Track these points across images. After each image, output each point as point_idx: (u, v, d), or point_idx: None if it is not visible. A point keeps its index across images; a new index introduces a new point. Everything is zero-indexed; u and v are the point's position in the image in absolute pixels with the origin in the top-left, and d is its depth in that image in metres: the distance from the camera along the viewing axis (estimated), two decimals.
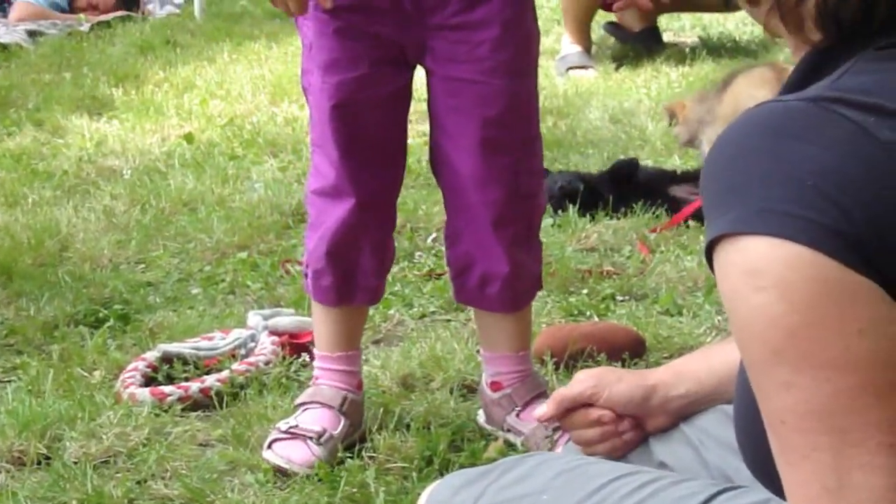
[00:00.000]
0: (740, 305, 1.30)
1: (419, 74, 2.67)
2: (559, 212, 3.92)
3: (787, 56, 5.36)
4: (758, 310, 1.28)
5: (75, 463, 2.58)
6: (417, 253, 3.70)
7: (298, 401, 2.70)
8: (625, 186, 4.00)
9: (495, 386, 2.70)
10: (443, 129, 2.64)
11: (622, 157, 4.30)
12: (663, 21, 6.58)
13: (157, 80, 5.73)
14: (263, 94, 5.48)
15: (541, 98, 5.11)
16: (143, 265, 3.67)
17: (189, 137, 4.81)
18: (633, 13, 6.27)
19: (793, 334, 1.26)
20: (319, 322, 2.71)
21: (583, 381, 1.88)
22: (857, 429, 1.26)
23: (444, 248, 3.61)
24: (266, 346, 2.99)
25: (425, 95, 2.69)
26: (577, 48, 5.96)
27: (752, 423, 1.39)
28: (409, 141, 4.60)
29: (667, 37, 6.50)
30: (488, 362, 2.72)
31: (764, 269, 1.27)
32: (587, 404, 1.85)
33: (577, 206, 3.91)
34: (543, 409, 1.89)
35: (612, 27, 6.40)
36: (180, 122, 5.06)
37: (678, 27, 6.85)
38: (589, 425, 1.85)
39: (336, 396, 2.66)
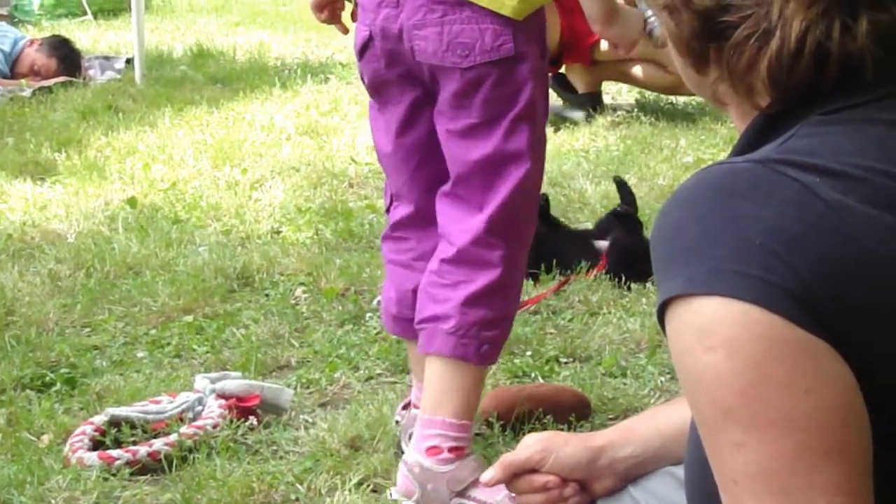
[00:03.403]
0: (692, 365, 1.31)
1: None
2: None
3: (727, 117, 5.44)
4: (708, 369, 1.29)
5: None
6: (364, 316, 3.72)
7: None
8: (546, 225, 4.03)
9: None
10: None
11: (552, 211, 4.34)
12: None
13: (100, 145, 5.73)
14: (205, 158, 5.49)
15: None
16: (88, 329, 3.67)
17: (132, 201, 4.81)
18: (581, 76, 6.35)
19: (742, 394, 1.28)
20: None
21: (530, 445, 1.89)
22: (803, 490, 1.27)
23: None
24: (214, 409, 3.00)
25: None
26: None
27: (704, 482, 1.40)
28: (351, 205, 4.68)
29: (605, 99, 6.58)
30: None
31: (714, 329, 1.28)
32: (534, 469, 1.87)
33: None
34: (490, 473, 1.90)
35: (558, 83, 6.46)
36: (123, 187, 5.06)
37: (616, 90, 6.93)
38: (535, 491, 1.86)
39: None
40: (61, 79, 7.13)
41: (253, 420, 3.00)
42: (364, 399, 3.14)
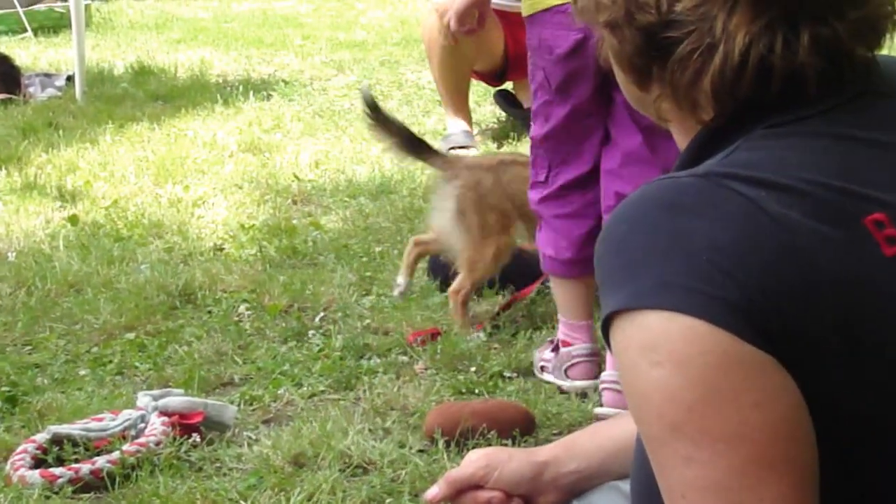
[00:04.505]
0: (638, 380, 1.32)
1: None
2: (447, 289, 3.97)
3: None
4: (655, 384, 1.29)
5: None
6: (307, 333, 3.71)
7: None
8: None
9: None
10: None
11: None
12: None
13: (40, 162, 5.68)
14: (147, 175, 5.46)
15: (424, 178, 5.21)
16: (30, 347, 3.64)
17: (73, 219, 4.77)
18: (527, 91, 6.36)
19: (690, 409, 1.28)
20: None
21: (474, 461, 1.88)
22: (751, 503, 1.27)
23: (332, 327, 3.67)
24: (156, 426, 2.98)
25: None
26: (461, 127, 6.02)
27: (651, 497, 1.40)
28: (294, 222, 4.67)
29: None
30: None
31: (660, 344, 1.29)
32: (478, 485, 1.87)
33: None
34: (434, 490, 1.90)
35: (503, 98, 6.48)
36: (64, 204, 5.03)
37: None
38: None
39: None
40: (1, 96, 7.08)
41: (196, 437, 2.98)
42: (307, 416, 3.13)
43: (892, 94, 1.47)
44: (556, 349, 3.39)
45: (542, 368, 3.41)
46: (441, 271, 4.05)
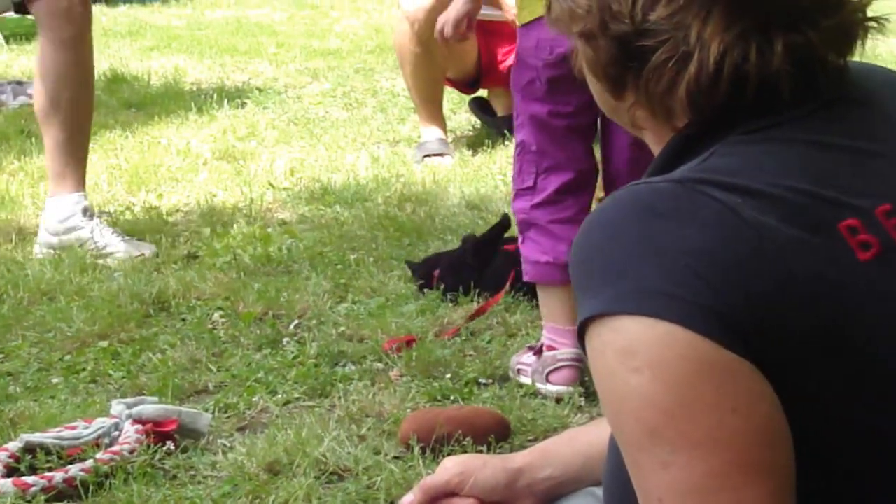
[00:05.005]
0: (615, 386, 1.32)
1: None
2: (423, 294, 3.98)
3: None
4: (633, 391, 1.30)
5: None
6: (282, 340, 3.70)
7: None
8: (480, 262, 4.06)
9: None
10: None
11: (465, 234, 4.36)
12: None
13: (12, 169, 5.66)
14: (120, 183, 5.44)
15: (399, 185, 5.22)
16: (1, 355, 3.61)
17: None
18: (501, 99, 6.39)
19: (669, 414, 1.28)
20: None
21: (449, 468, 1.89)
22: None
23: (307, 334, 3.67)
24: (130, 434, 2.96)
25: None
26: (436, 135, 6.02)
27: (625, 503, 1.41)
28: (269, 230, 4.66)
29: None
30: None
31: (639, 350, 1.29)
32: (453, 493, 1.87)
33: (441, 289, 3.97)
34: (410, 497, 1.90)
35: (478, 106, 6.49)
36: (37, 212, 5.00)
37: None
38: None
39: None
40: None
41: (170, 445, 2.97)
42: (282, 423, 3.12)
43: (864, 100, 1.48)
44: (538, 353, 3.39)
45: (519, 371, 3.41)
46: (421, 274, 4.05)
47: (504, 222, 4.17)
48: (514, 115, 3.47)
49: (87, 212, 4.55)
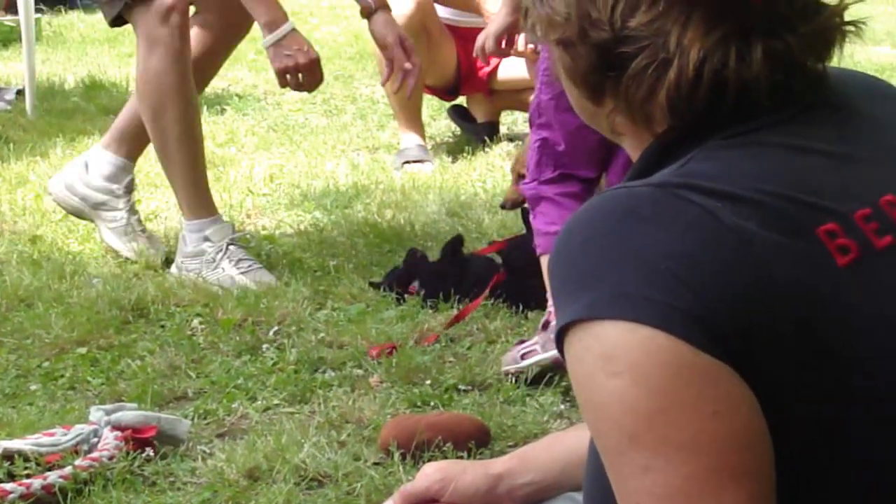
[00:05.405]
0: (595, 390, 1.32)
1: None
2: (402, 301, 3.98)
3: None
4: (613, 395, 1.30)
5: None
6: (262, 346, 3.70)
7: None
8: (459, 270, 4.06)
9: None
10: None
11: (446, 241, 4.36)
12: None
13: None
14: None
15: (378, 192, 5.22)
16: None
17: (24, 233, 4.74)
18: (480, 105, 6.39)
19: (649, 418, 1.28)
20: None
21: (429, 475, 1.89)
22: None
23: (287, 341, 3.66)
24: (109, 441, 2.96)
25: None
26: (416, 141, 6.02)
27: None
28: (248, 236, 4.64)
29: (501, 129, 6.62)
30: None
31: (618, 354, 1.29)
32: (433, 499, 1.87)
33: (421, 296, 3.97)
34: (390, 503, 1.90)
35: (457, 113, 6.49)
36: (14, 218, 4.99)
37: (511, 120, 6.97)
38: None
39: None
40: None
41: (149, 451, 2.96)
42: (262, 429, 3.12)
43: (843, 105, 1.49)
44: (545, 326, 3.45)
45: (524, 357, 3.43)
46: (398, 282, 4.05)
47: (456, 239, 4.20)
48: (536, 114, 3.51)
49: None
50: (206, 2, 4.56)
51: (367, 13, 4.36)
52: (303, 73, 4.06)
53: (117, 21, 4.32)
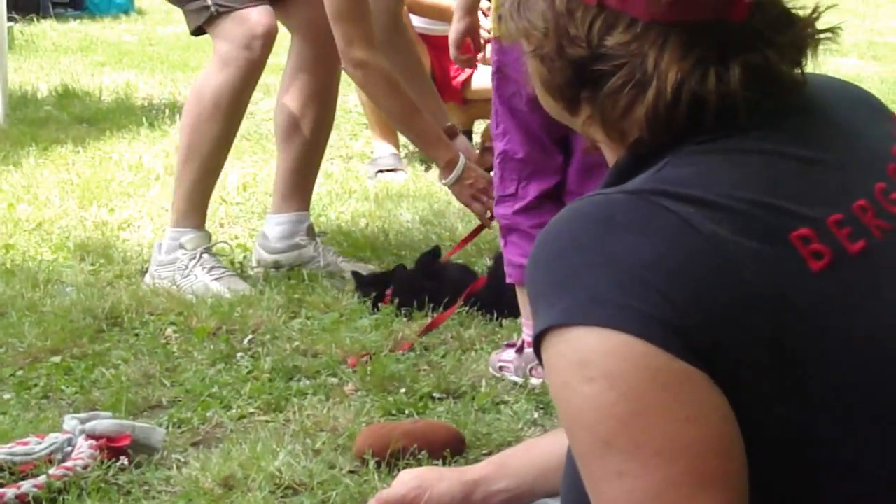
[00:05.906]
0: (570, 396, 1.32)
1: None
2: (376, 310, 3.98)
3: None
4: (588, 400, 1.30)
5: None
6: (236, 355, 3.69)
7: None
8: (434, 279, 4.07)
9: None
10: None
11: (424, 249, 4.37)
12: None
13: None
14: (72, 198, 5.41)
15: (352, 202, 5.21)
16: None
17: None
18: (454, 114, 6.40)
19: (624, 424, 1.29)
20: None
21: (405, 482, 1.90)
22: None
23: (261, 349, 3.66)
24: (83, 450, 2.95)
25: None
26: (389, 150, 6.03)
27: None
28: (222, 245, 4.65)
29: (475, 139, 6.63)
30: None
31: (593, 360, 1.30)
32: None
33: (395, 304, 3.97)
34: None
35: None
36: None
37: (484, 129, 6.97)
38: None
39: None
40: None
41: (124, 460, 2.95)
42: (237, 438, 3.11)
43: (819, 111, 1.50)
44: (519, 350, 3.49)
45: (502, 368, 3.52)
46: (373, 288, 4.05)
47: (433, 251, 4.24)
48: (494, 124, 3.51)
49: (311, 231, 4.54)
50: (297, 28, 4.71)
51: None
52: (486, 196, 4.15)
53: (199, 30, 4.32)
